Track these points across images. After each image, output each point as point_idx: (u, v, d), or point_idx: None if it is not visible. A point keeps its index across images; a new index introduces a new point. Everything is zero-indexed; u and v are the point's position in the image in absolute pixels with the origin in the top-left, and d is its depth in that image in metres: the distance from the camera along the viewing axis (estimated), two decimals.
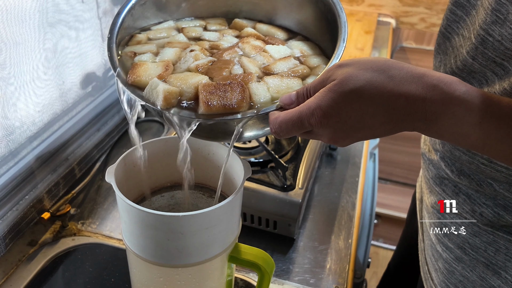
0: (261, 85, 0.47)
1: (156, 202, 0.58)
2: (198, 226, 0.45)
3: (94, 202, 0.82)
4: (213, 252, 0.48)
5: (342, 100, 0.37)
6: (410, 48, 1.64)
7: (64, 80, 0.80)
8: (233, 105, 0.44)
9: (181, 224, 0.44)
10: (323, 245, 0.77)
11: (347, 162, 0.97)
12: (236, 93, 0.45)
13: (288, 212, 0.72)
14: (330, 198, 0.87)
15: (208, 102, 0.44)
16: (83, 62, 0.84)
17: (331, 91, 0.38)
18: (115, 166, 0.49)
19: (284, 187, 0.72)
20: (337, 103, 0.37)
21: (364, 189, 0.91)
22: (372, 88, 0.36)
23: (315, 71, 0.52)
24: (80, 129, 0.85)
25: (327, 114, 0.38)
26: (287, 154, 0.82)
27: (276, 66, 0.51)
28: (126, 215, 0.47)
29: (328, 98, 0.38)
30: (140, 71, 0.48)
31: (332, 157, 0.99)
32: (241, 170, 0.51)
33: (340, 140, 0.40)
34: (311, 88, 0.42)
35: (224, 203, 0.45)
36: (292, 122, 0.40)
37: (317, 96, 0.39)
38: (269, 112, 0.43)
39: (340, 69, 0.39)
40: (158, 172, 0.57)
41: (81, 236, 0.75)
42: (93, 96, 0.89)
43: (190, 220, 0.44)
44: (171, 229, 0.44)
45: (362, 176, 0.93)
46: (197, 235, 0.45)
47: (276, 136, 0.43)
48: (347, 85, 0.37)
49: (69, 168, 0.80)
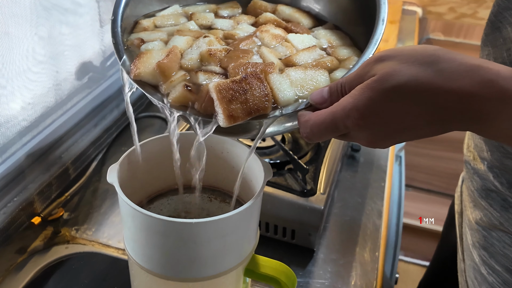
0: (283, 78, 0.45)
1: (162, 206, 0.57)
2: (213, 234, 0.44)
3: (90, 206, 0.81)
4: (228, 264, 0.48)
5: (382, 99, 0.36)
6: (438, 40, 1.62)
7: (59, 70, 0.80)
8: (259, 109, 0.42)
9: (194, 231, 0.43)
10: (346, 258, 0.75)
11: (371, 165, 0.96)
12: (258, 91, 0.43)
13: (308, 220, 0.71)
14: (352, 204, 0.85)
15: (231, 114, 0.42)
16: (79, 50, 0.84)
17: (370, 89, 0.37)
18: (118, 165, 0.49)
19: (304, 192, 0.71)
20: (376, 103, 0.36)
21: (391, 196, 0.89)
22: (418, 85, 0.35)
23: (344, 64, 0.50)
24: (76, 124, 0.84)
25: (365, 116, 0.37)
26: (306, 155, 0.81)
27: (298, 56, 0.50)
28: (130, 220, 0.46)
29: (366, 97, 0.37)
30: (145, 62, 0.47)
31: (354, 159, 0.97)
32: (260, 172, 0.50)
33: (380, 142, 0.39)
34: (346, 83, 0.40)
35: (243, 208, 0.44)
36: (325, 125, 0.39)
37: (353, 95, 0.38)
38: (298, 111, 0.42)
39: (380, 63, 0.38)
40: (165, 173, 0.56)
41: (75, 243, 0.74)
42: (90, 87, 0.89)
43: (204, 227, 0.43)
44: (183, 237, 0.44)
45: (388, 180, 0.91)
46: (212, 244, 0.45)
47: (307, 140, 0.42)
48: (388, 82, 0.36)
49: (62, 168, 0.80)
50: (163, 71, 0.45)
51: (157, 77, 0.46)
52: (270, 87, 0.44)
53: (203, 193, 0.58)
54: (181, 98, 0.44)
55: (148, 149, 0.53)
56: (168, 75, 0.45)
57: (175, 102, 0.44)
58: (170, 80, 0.45)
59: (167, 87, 0.45)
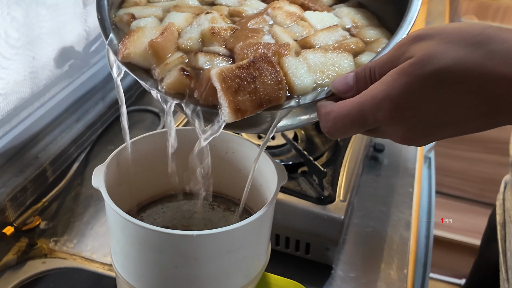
0: (300, 62, 0.45)
1: (156, 215, 0.58)
2: (218, 250, 0.44)
3: (71, 214, 0.81)
4: (234, 284, 0.48)
5: (422, 86, 0.35)
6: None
7: (35, 56, 0.79)
8: (271, 99, 0.41)
9: (195, 246, 0.43)
10: (369, 276, 0.74)
11: (397, 167, 0.95)
12: (269, 77, 0.42)
13: (325, 231, 0.70)
14: (376, 214, 0.85)
15: (238, 107, 0.41)
16: (59, 34, 0.84)
17: (406, 74, 0.36)
18: (105, 166, 0.49)
19: (320, 199, 0.71)
20: (413, 91, 0.36)
21: (420, 204, 0.89)
22: (464, 70, 0.34)
23: (372, 47, 0.49)
24: (55, 118, 0.84)
25: (400, 107, 0.36)
26: (322, 156, 0.80)
27: (317, 37, 0.49)
28: (119, 232, 0.46)
29: (401, 85, 0.36)
30: (136, 41, 0.46)
31: (377, 160, 0.97)
32: (272, 175, 0.50)
33: (417, 139, 0.39)
34: (377, 68, 0.40)
35: (253, 218, 0.44)
36: (351, 118, 0.38)
37: (385, 81, 0.37)
38: (317, 102, 0.42)
39: (418, 43, 0.37)
40: (160, 176, 0.56)
41: (53, 258, 0.73)
42: (71, 77, 0.89)
43: (207, 241, 0.43)
44: (182, 252, 0.43)
45: (417, 186, 0.91)
46: (215, 261, 0.45)
47: (329, 136, 0.41)
48: (429, 66, 0.35)
49: (39, 169, 0.79)
50: (157, 51, 0.44)
51: (149, 59, 0.45)
52: (284, 72, 0.43)
53: (204, 200, 0.58)
54: (177, 84, 0.43)
55: (139, 148, 0.53)
56: (162, 56, 0.45)
57: (170, 89, 0.43)
58: (165, 62, 0.45)
59: (161, 71, 0.45)
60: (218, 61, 0.45)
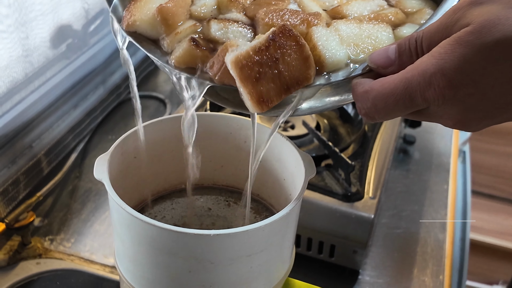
0: (331, 34, 0.43)
1: (165, 212, 0.57)
2: (237, 252, 0.43)
3: (68, 210, 0.81)
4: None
5: (482, 59, 0.34)
6: None
7: (28, 35, 0.79)
8: (299, 82, 0.40)
9: (212, 247, 0.42)
10: (400, 283, 0.73)
11: (429, 162, 0.95)
12: (293, 56, 0.40)
13: (353, 232, 0.70)
14: (407, 213, 0.84)
15: (261, 99, 0.40)
16: (55, 11, 0.83)
17: (462, 45, 0.34)
18: (109, 155, 0.48)
19: (347, 196, 0.70)
20: (472, 65, 0.34)
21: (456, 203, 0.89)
22: None
23: (414, 18, 0.48)
24: (50, 104, 0.83)
25: (455, 83, 0.35)
26: (348, 148, 0.80)
27: (350, 7, 0.48)
28: (124, 231, 0.45)
29: (456, 57, 0.34)
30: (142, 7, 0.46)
31: (407, 153, 0.97)
32: (298, 167, 0.49)
33: (473, 123, 0.37)
34: (424, 38, 0.38)
35: (278, 216, 0.43)
36: (395, 97, 0.37)
37: (436, 53, 0.35)
38: (352, 79, 0.40)
39: (476, 8, 0.35)
40: (170, 168, 0.57)
41: (49, 258, 0.73)
42: (68, 58, 0.88)
43: (225, 242, 0.42)
44: (196, 255, 0.43)
45: (452, 183, 0.90)
46: (234, 265, 0.44)
47: (367, 119, 0.40)
48: (491, 35, 0.33)
49: (33, 160, 0.79)
50: (166, 18, 0.44)
51: (157, 27, 0.45)
52: (313, 44, 0.42)
53: (218, 196, 0.59)
54: (188, 57, 0.43)
55: (147, 136, 0.52)
56: (172, 24, 0.44)
57: (180, 63, 0.43)
58: (175, 31, 0.44)
59: (171, 42, 0.44)
60: (235, 29, 0.44)
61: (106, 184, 0.44)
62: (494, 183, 1.83)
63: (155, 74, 1.11)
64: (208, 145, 0.55)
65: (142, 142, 0.51)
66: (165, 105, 1.02)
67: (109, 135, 0.94)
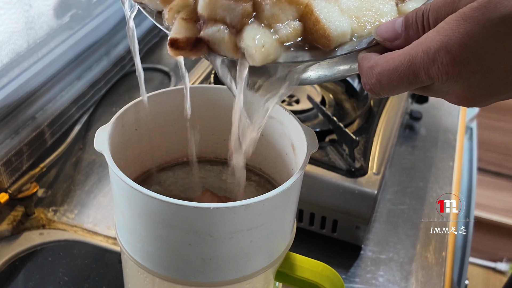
0: (331, 5, 0.42)
1: (166, 185, 0.57)
2: (237, 226, 0.43)
3: (72, 182, 0.82)
4: (255, 265, 0.47)
5: (488, 35, 0.33)
6: None
7: (31, 4, 0.78)
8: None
9: (212, 220, 0.42)
10: (402, 259, 0.74)
11: (435, 138, 0.95)
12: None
13: (356, 208, 0.70)
14: (411, 189, 0.85)
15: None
16: None
17: (467, 21, 0.34)
18: (110, 127, 0.47)
19: (351, 171, 0.70)
20: (477, 42, 0.34)
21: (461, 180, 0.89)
22: None
23: None
24: (53, 75, 0.83)
25: (459, 60, 0.34)
26: (353, 123, 0.80)
27: None
28: (124, 203, 0.45)
29: (461, 33, 0.34)
30: None
31: (413, 130, 0.97)
32: (300, 141, 0.49)
33: (479, 99, 0.37)
34: (431, 12, 0.37)
35: (280, 190, 0.42)
36: (399, 73, 0.37)
37: (441, 29, 0.35)
38: (358, 52, 0.40)
39: None
40: (172, 140, 0.56)
41: (52, 229, 0.74)
42: (72, 28, 0.88)
43: (225, 215, 0.42)
44: (196, 228, 0.42)
45: (458, 159, 0.91)
46: (234, 239, 0.43)
47: (372, 95, 0.39)
48: (497, 10, 0.33)
49: (36, 131, 0.79)
50: None
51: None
52: (315, 18, 0.41)
53: (221, 168, 0.58)
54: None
55: (150, 107, 0.52)
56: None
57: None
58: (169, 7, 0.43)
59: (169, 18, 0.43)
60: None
61: (106, 155, 0.44)
62: (501, 161, 1.83)
63: (160, 47, 1.10)
64: (210, 118, 0.55)
65: (146, 111, 0.51)
66: (170, 77, 1.01)
67: (113, 107, 0.94)
